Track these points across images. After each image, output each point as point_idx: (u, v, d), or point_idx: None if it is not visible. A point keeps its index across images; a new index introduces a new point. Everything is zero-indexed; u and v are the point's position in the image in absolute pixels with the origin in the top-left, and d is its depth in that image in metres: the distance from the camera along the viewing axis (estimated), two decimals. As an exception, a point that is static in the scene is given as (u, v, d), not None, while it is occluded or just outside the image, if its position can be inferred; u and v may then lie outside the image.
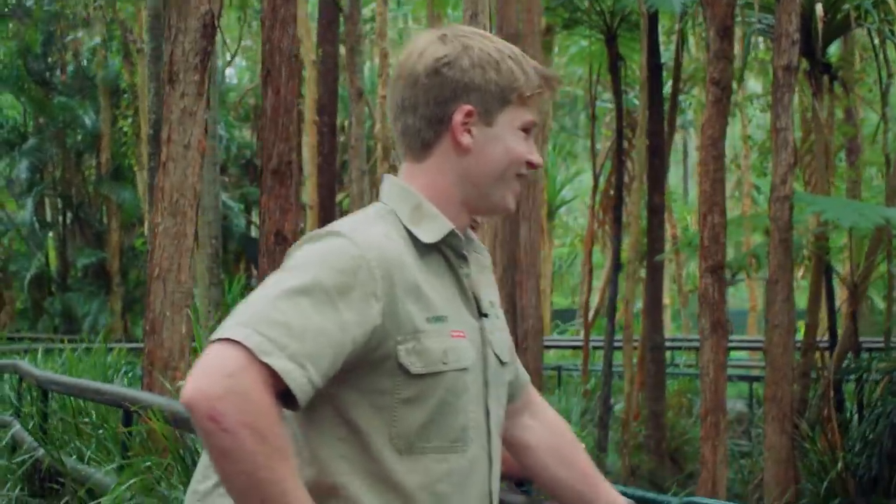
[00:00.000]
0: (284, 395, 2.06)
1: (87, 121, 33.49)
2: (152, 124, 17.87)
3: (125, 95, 31.26)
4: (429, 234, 2.32)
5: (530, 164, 2.45)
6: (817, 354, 13.87)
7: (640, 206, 17.13)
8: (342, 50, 19.24)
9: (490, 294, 2.52)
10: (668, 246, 22.89)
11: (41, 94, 34.12)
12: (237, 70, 45.33)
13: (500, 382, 2.47)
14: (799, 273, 21.78)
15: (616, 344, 17.20)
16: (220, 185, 20.87)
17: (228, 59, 36.57)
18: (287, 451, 2.05)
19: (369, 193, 18.72)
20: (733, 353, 29.31)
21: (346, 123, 22.49)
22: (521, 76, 2.38)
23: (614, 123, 18.94)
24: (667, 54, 20.60)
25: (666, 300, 33.24)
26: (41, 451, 9.27)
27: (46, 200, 36.71)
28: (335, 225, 2.28)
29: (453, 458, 2.30)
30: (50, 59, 35.16)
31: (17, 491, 9.64)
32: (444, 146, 2.38)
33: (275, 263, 8.87)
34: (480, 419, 2.36)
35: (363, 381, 2.22)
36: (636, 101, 20.41)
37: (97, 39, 33.52)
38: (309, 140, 14.83)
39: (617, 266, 17.69)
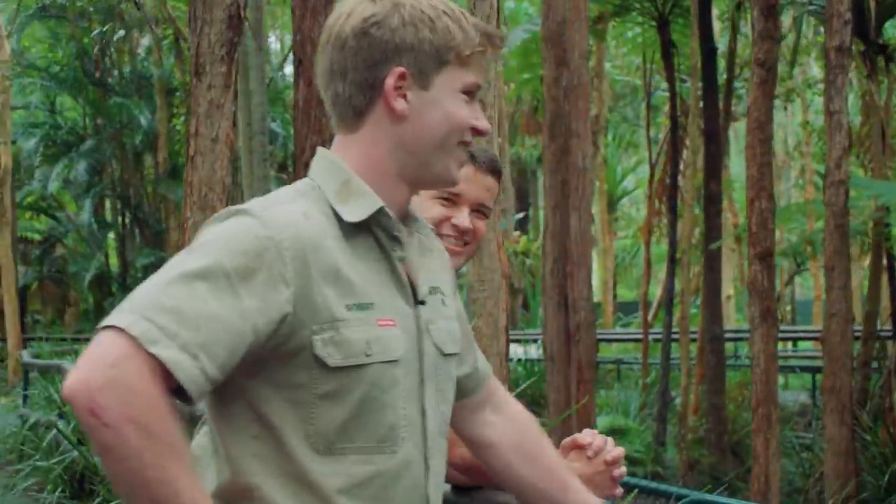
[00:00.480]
0: (181, 388, 1.86)
1: (144, 121, 33.71)
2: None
3: (177, 94, 31.33)
4: (354, 213, 2.11)
5: (476, 131, 2.22)
6: (878, 343, 13.53)
7: (695, 195, 16.83)
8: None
9: (435, 279, 2.30)
10: (729, 235, 22.53)
11: (98, 95, 34.35)
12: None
13: (443, 376, 2.25)
14: (865, 261, 21.38)
15: (674, 336, 16.91)
16: (274, 181, 20.80)
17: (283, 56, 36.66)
18: (179, 449, 1.83)
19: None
20: (800, 344, 28.92)
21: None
22: (458, 34, 2.17)
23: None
24: (722, 40, 20.27)
25: (730, 290, 32.88)
26: (75, 453, 9.20)
27: (106, 201, 36.98)
28: (249, 203, 2.06)
29: (380, 459, 2.08)
30: (106, 60, 35.38)
31: (56, 493, 9.58)
32: (378, 114, 2.16)
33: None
34: (414, 417, 2.14)
35: (277, 375, 2.01)
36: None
37: (149, 39, 33.70)
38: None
39: (674, 257, 17.38)
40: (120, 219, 36.61)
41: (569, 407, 12.17)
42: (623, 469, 2.96)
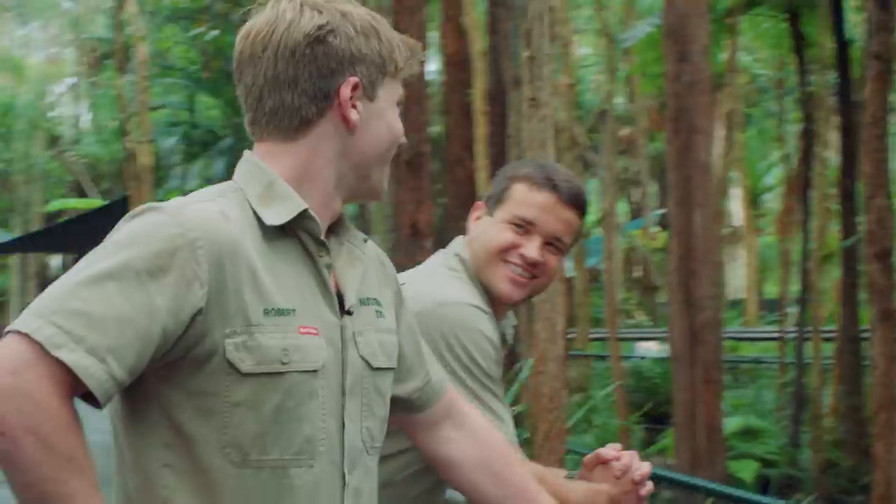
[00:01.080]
0: (90, 393, 1.81)
1: (279, 118, 34.04)
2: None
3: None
4: (276, 216, 2.05)
5: (402, 144, 2.28)
6: None
7: (828, 191, 16.40)
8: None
9: (368, 290, 2.23)
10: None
11: (234, 93, 34.81)
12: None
13: (370, 391, 2.17)
14: None
15: (808, 335, 16.50)
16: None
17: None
18: (80, 462, 1.78)
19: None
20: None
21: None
22: (397, 46, 2.17)
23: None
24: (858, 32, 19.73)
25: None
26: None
27: (243, 200, 37.57)
28: (167, 201, 2.01)
29: (296, 473, 2.01)
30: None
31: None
32: (326, 124, 2.13)
33: (411, 257, 8.68)
34: (332, 431, 2.06)
35: (189, 381, 1.95)
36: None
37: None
38: (479, 131, 14.57)
39: (807, 254, 16.96)
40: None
41: (695, 407, 11.95)
42: (650, 485, 2.86)
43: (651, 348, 22.50)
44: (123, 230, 1.96)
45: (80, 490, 1.78)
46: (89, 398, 1.83)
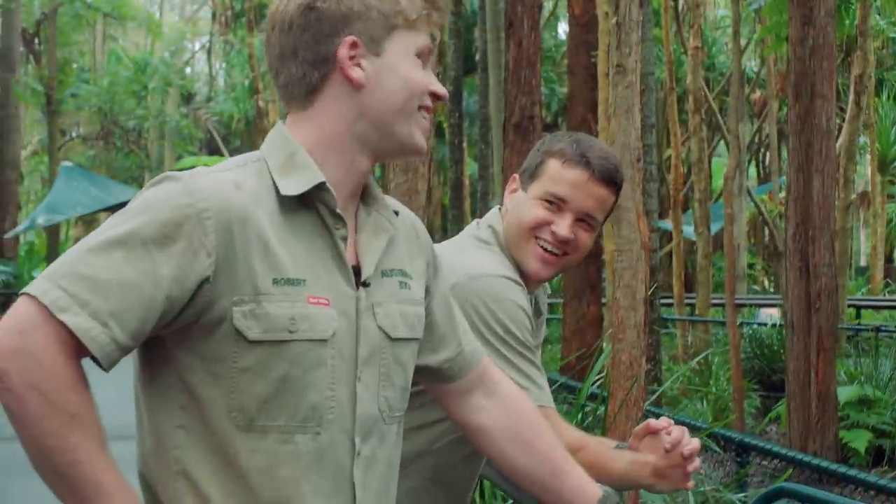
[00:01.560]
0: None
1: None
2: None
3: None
4: (292, 186, 2.09)
5: (434, 95, 2.20)
6: None
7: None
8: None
9: (393, 261, 2.26)
10: None
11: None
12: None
13: (388, 361, 2.20)
14: None
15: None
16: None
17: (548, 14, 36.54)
18: (83, 419, 1.87)
19: (657, 150, 18.11)
20: None
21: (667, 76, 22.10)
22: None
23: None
24: None
25: None
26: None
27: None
28: (185, 171, 2.07)
29: (301, 439, 2.06)
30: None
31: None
32: (334, 87, 2.16)
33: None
34: (343, 401, 2.11)
35: (201, 346, 2.01)
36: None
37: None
38: (601, 94, 14.50)
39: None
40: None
41: (808, 377, 11.83)
42: (697, 462, 2.87)
43: (775, 314, 22.19)
44: (139, 199, 2.02)
45: (83, 445, 1.86)
46: (97, 360, 1.92)
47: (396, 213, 2.33)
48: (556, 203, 3.02)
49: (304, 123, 2.19)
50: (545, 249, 3.04)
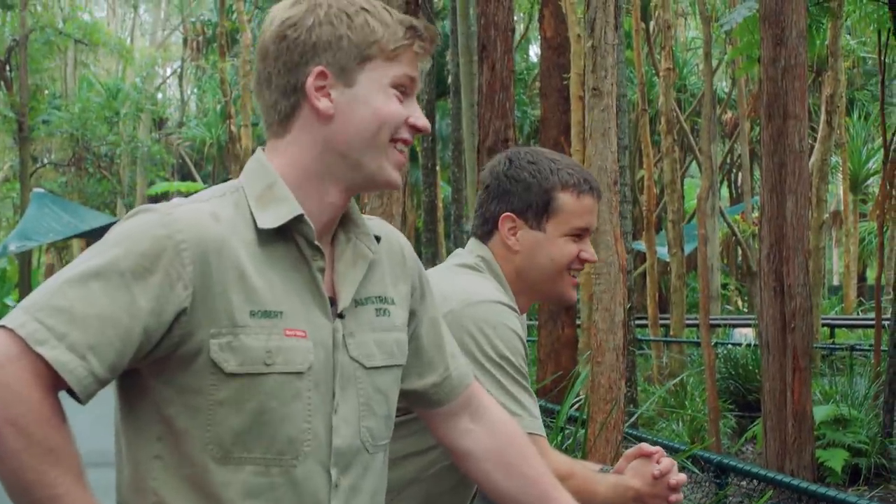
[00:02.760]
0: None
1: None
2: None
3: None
4: (269, 219, 2.07)
5: (413, 128, 2.17)
6: None
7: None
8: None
9: (371, 288, 2.24)
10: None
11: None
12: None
13: (367, 390, 2.19)
14: None
15: (905, 323, 16.19)
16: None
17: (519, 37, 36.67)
18: (62, 453, 1.85)
19: (630, 171, 18.19)
20: None
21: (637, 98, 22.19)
22: (379, 28, 2.14)
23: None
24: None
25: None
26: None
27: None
28: (162, 203, 2.07)
29: (277, 471, 2.04)
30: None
31: None
32: (304, 116, 2.15)
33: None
34: (320, 433, 2.09)
35: (177, 378, 2.00)
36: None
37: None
38: (574, 116, 14.54)
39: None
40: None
41: (784, 396, 11.85)
42: (681, 496, 2.89)
43: (749, 334, 22.27)
44: (116, 230, 2.02)
45: (61, 479, 1.84)
46: (75, 394, 1.91)
47: (378, 238, 2.31)
48: (581, 234, 3.14)
49: (279, 151, 2.19)
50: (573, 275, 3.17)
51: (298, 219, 2.10)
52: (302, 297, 2.11)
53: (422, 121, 2.20)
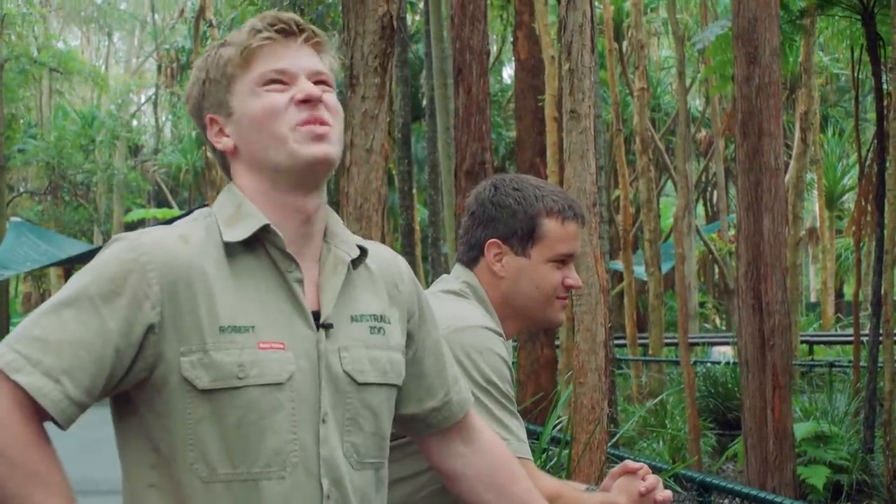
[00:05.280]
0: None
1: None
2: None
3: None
4: (236, 233, 2.11)
5: (304, 101, 2.18)
6: None
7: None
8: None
9: (363, 307, 2.25)
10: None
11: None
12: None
13: (355, 405, 2.19)
14: None
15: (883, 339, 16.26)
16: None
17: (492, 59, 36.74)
18: (46, 477, 1.89)
19: (606, 191, 18.24)
20: None
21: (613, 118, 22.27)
22: (227, 52, 2.21)
23: None
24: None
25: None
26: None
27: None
28: (134, 231, 2.13)
29: (266, 485, 2.06)
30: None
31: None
32: (227, 153, 2.28)
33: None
34: (307, 443, 2.10)
35: (156, 401, 2.03)
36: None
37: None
38: (550, 138, 14.58)
39: (881, 257, 16.73)
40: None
41: (765, 414, 11.87)
42: None
43: (727, 352, 22.34)
44: (93, 260, 2.07)
45: (47, 502, 1.88)
46: (54, 418, 1.94)
47: (364, 249, 2.31)
48: (566, 261, 3.13)
49: (238, 170, 2.26)
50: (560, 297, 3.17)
51: (265, 229, 2.13)
52: (281, 310, 2.12)
53: (301, 93, 2.18)
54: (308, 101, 2.18)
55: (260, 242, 2.14)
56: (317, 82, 2.21)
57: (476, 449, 2.51)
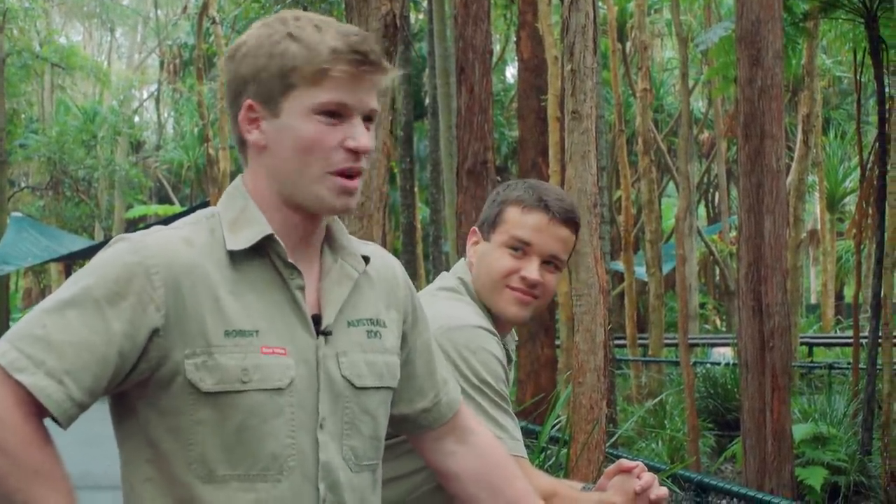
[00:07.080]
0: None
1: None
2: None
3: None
4: (239, 241, 2.11)
5: (350, 151, 2.12)
6: None
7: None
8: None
9: (361, 311, 2.26)
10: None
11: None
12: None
13: (353, 410, 2.21)
14: None
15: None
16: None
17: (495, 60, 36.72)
18: (48, 474, 1.91)
19: (608, 191, 18.25)
20: None
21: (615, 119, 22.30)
22: (299, 54, 2.11)
23: None
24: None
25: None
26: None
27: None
28: (136, 232, 2.12)
29: (263, 487, 2.08)
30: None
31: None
32: (249, 145, 2.20)
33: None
34: (305, 448, 2.12)
35: (158, 400, 2.05)
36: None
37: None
38: (552, 138, 14.58)
39: (881, 259, 16.73)
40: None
41: (763, 415, 11.88)
42: None
43: (727, 353, 22.34)
44: (94, 260, 2.07)
45: (50, 500, 1.90)
46: (55, 417, 1.95)
47: (367, 258, 2.32)
48: (521, 248, 3.06)
49: (248, 176, 2.23)
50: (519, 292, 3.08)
51: (268, 238, 2.13)
52: (283, 316, 2.13)
53: (354, 142, 2.13)
54: (356, 153, 2.14)
55: (263, 249, 2.14)
56: (365, 117, 2.17)
57: (470, 448, 2.52)
